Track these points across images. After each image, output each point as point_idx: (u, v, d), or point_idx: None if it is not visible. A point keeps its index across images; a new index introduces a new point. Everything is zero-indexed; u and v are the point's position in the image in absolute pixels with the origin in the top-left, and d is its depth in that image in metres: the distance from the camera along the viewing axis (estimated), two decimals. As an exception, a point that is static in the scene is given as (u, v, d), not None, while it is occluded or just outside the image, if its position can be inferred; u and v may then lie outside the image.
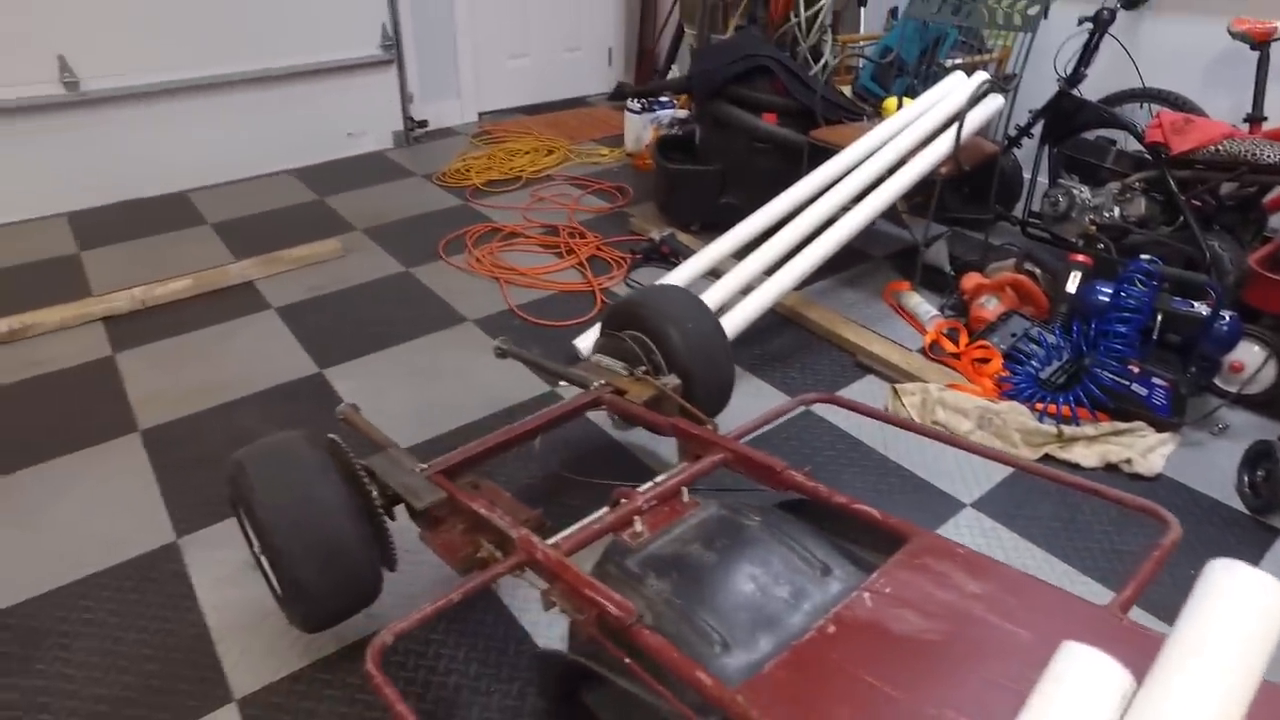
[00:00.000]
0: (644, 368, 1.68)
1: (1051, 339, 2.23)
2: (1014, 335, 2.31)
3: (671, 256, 2.89)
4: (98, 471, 1.97)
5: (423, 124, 4.36)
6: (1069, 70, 2.85)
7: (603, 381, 1.62)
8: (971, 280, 2.55)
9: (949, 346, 2.36)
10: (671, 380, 1.62)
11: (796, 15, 3.53)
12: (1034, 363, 2.18)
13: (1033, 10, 2.79)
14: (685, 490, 1.28)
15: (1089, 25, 2.77)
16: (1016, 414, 2.00)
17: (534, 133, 4.35)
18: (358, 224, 3.32)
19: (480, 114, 4.67)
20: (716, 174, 3.07)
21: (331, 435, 1.40)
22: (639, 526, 1.21)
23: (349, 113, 4.10)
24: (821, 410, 2.15)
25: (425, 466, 1.41)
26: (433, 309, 2.66)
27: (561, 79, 4.99)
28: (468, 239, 3.13)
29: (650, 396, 1.57)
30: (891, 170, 2.53)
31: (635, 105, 3.87)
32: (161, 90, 3.55)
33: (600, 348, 1.82)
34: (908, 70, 3.34)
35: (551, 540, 1.19)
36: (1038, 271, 2.54)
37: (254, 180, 3.86)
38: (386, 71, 4.14)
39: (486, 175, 3.73)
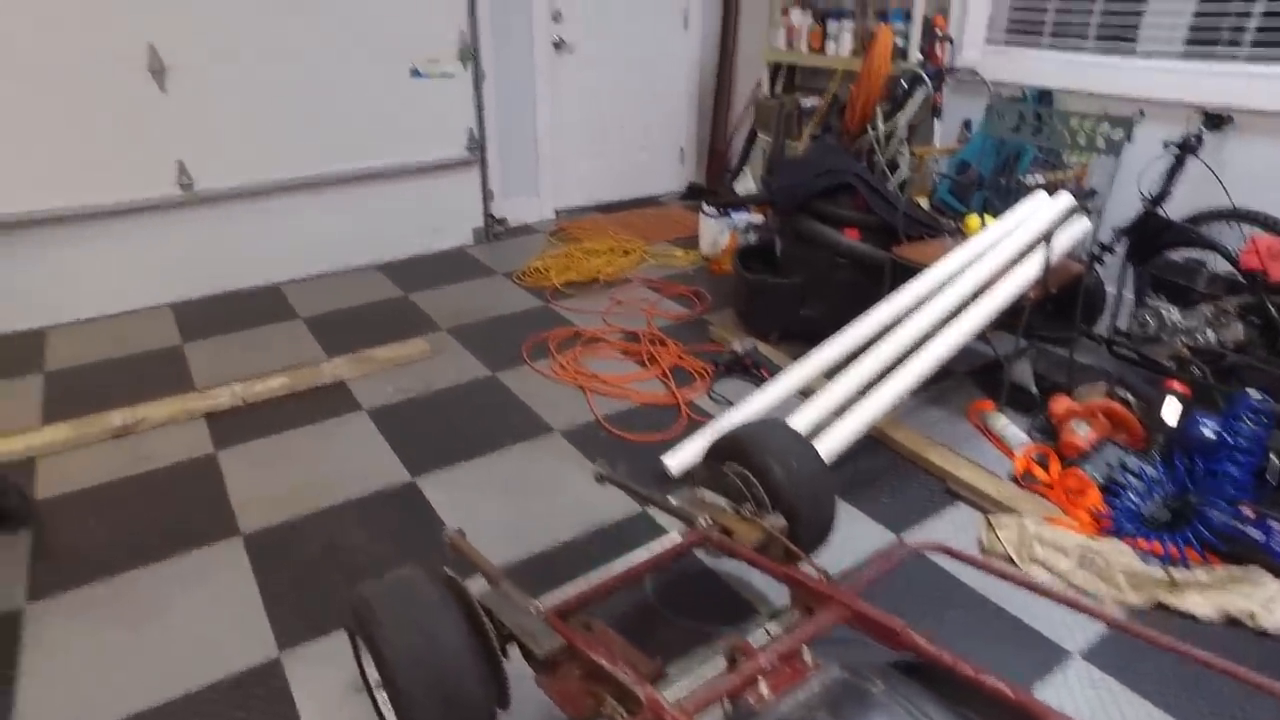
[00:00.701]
0: (749, 505, 1.69)
1: (1151, 471, 2.18)
2: (1110, 465, 2.26)
3: (754, 369, 2.92)
4: (202, 576, 2.03)
5: (502, 221, 4.53)
6: (1154, 190, 2.86)
7: (709, 519, 1.63)
8: (1061, 404, 2.52)
9: (1041, 475, 2.32)
10: (778, 521, 1.62)
11: (874, 128, 3.62)
12: (1133, 496, 2.13)
13: (1116, 135, 2.82)
14: (806, 648, 1.27)
15: (1175, 149, 2.79)
16: (1120, 554, 1.95)
17: (609, 232, 4.49)
18: (443, 323, 3.43)
19: (557, 211, 4.84)
20: (797, 286, 3.11)
21: (449, 571, 1.43)
22: (763, 689, 1.20)
23: (433, 210, 4.29)
24: (917, 540, 2.12)
25: (539, 606, 1.42)
26: (519, 417, 2.71)
27: (634, 178, 5.16)
28: (550, 343, 3.20)
29: (759, 540, 1.57)
30: (979, 291, 2.54)
31: (711, 209, 3.98)
32: (263, 189, 3.77)
33: (701, 480, 1.84)
34: (985, 184, 3.38)
35: (672, 697, 1.18)
36: (1130, 398, 2.50)
37: (342, 274, 4.03)
38: (470, 171, 4.33)
39: (565, 276, 3.84)
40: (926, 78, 3.60)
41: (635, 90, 4.92)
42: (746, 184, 4.67)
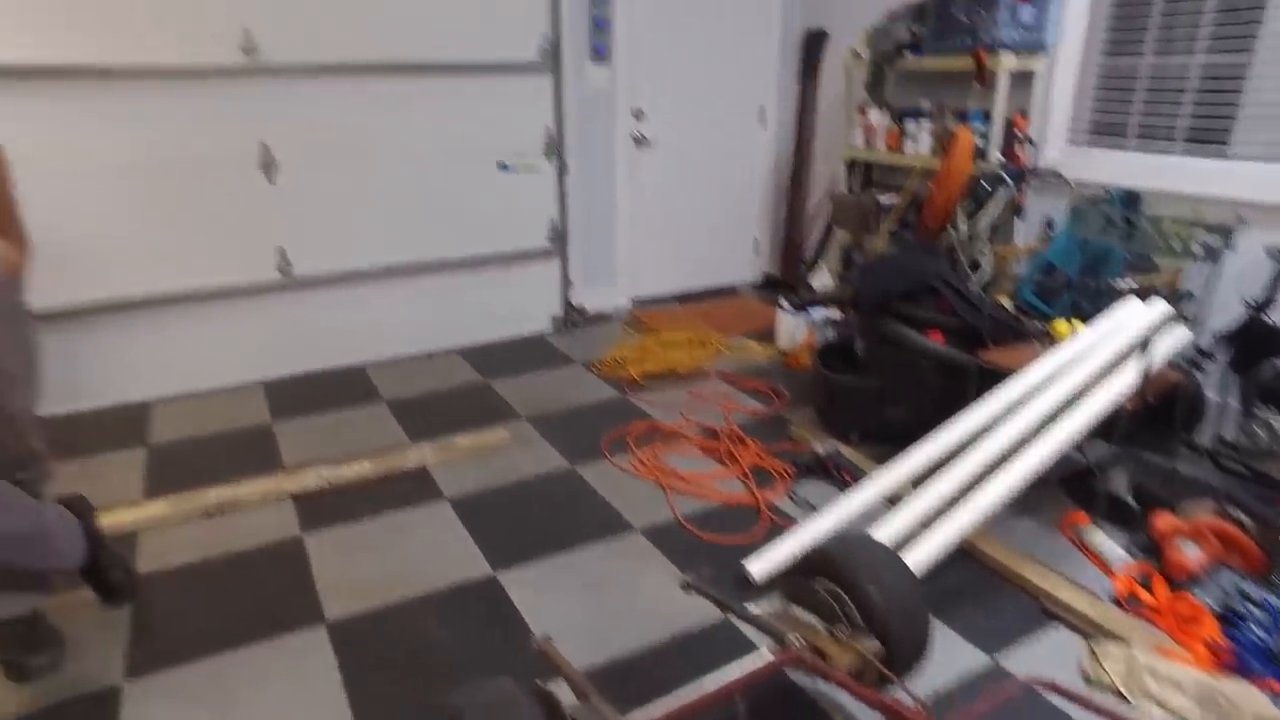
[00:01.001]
0: (843, 626, 1.64)
1: (1277, 602, 2.04)
2: (1225, 592, 2.13)
3: (836, 472, 2.88)
4: (288, 663, 2.05)
5: (580, 310, 4.63)
6: (1258, 296, 2.77)
7: (801, 639, 1.59)
8: (1165, 521, 2.40)
9: (1147, 599, 2.19)
10: (873, 645, 1.57)
11: (955, 228, 3.62)
12: (1258, 629, 1.99)
13: (1215, 243, 2.76)
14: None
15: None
16: (1251, 697, 1.81)
17: (685, 323, 4.54)
18: (522, 411, 3.49)
19: (633, 300, 4.93)
20: (878, 387, 3.08)
21: (542, 685, 1.42)
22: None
23: (513, 297, 4.42)
24: (1014, 665, 2.02)
25: (630, 725, 1.39)
26: (599, 513, 2.71)
27: (709, 268, 5.24)
28: (629, 438, 3.22)
29: (853, 664, 1.52)
30: (1072, 399, 2.47)
31: (788, 305, 4.00)
32: (354, 275, 3.96)
33: (789, 594, 1.80)
34: (1072, 287, 3.33)
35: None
36: (1243, 517, 2.37)
37: (425, 358, 4.16)
38: (550, 261, 4.47)
39: (642, 367, 3.88)
40: (1009, 178, 3.61)
41: (712, 183, 5.05)
42: (822, 277, 4.69)
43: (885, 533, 2.24)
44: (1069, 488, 2.80)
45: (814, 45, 4.89)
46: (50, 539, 1.97)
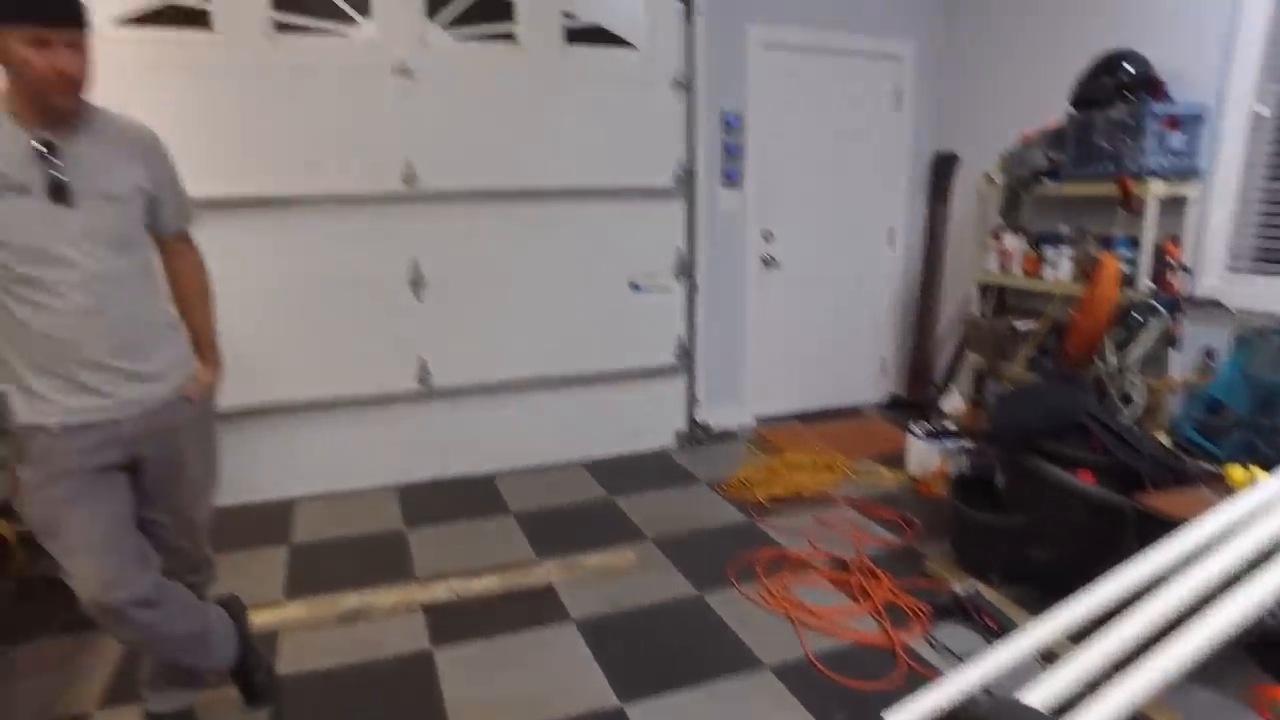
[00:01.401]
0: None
1: None
2: None
3: (978, 615, 2.70)
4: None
5: (705, 427, 4.64)
6: None
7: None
8: (1376, 704, 2.11)
9: (1363, 797, 1.91)
10: (1047, 835, 1.42)
11: (1103, 360, 3.45)
12: None
13: None
14: None
15: None
16: None
17: (811, 443, 4.46)
18: (648, 530, 3.47)
19: (757, 418, 4.90)
20: (1021, 526, 2.90)
21: None
22: None
23: (639, 413, 4.48)
24: None
25: None
26: (728, 646, 2.63)
27: (835, 387, 5.17)
28: (757, 566, 3.14)
29: None
30: (1262, 557, 2.24)
31: (919, 429, 3.87)
32: (487, 386, 4.13)
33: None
34: (1243, 424, 3.09)
35: None
36: None
37: (550, 469, 4.23)
38: (677, 378, 4.52)
39: (768, 490, 3.81)
40: (1162, 307, 3.43)
41: (839, 303, 5.04)
42: (953, 400, 4.54)
43: (1042, 695, 2.05)
44: (1260, 656, 2.51)
45: (944, 168, 4.90)
46: (212, 639, 2.08)
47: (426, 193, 3.83)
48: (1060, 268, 4.00)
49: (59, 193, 1.71)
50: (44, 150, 1.70)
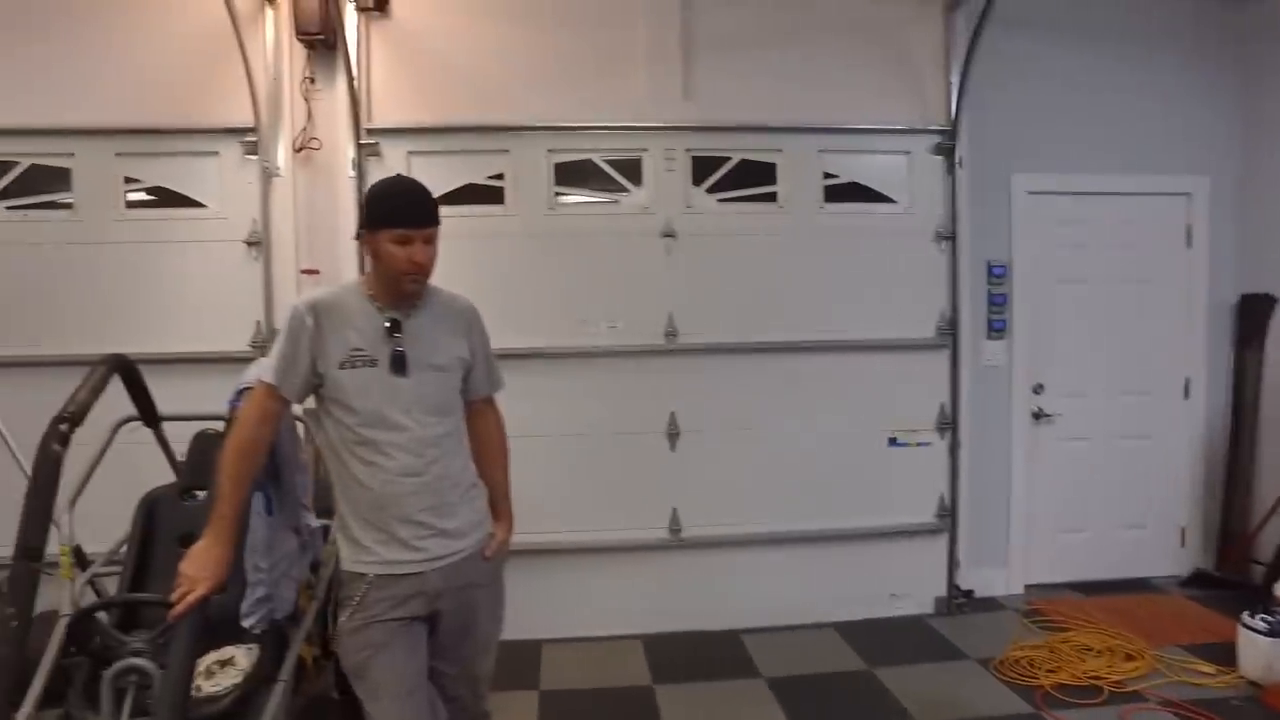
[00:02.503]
0: None
1: None
2: None
3: None
4: None
5: (967, 593, 4.22)
6: None
7: None
8: None
9: None
10: None
11: None
12: None
13: None
14: None
15: None
16: None
17: (1097, 621, 3.89)
18: (918, 715, 3.13)
19: (1027, 586, 4.39)
20: None
21: None
22: None
23: (894, 575, 4.17)
24: None
25: None
26: None
27: (1120, 557, 4.54)
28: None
29: None
30: None
31: (1260, 622, 3.23)
32: (736, 540, 4.05)
33: None
34: None
35: None
36: None
37: (797, 630, 3.99)
38: (937, 538, 4.19)
39: (1054, 676, 3.33)
40: None
41: (1123, 463, 4.49)
42: (1288, 584, 3.78)
43: None
44: None
45: (1254, 311, 4.34)
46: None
47: (686, 346, 3.97)
48: None
49: (399, 365, 1.92)
50: (390, 327, 1.93)
